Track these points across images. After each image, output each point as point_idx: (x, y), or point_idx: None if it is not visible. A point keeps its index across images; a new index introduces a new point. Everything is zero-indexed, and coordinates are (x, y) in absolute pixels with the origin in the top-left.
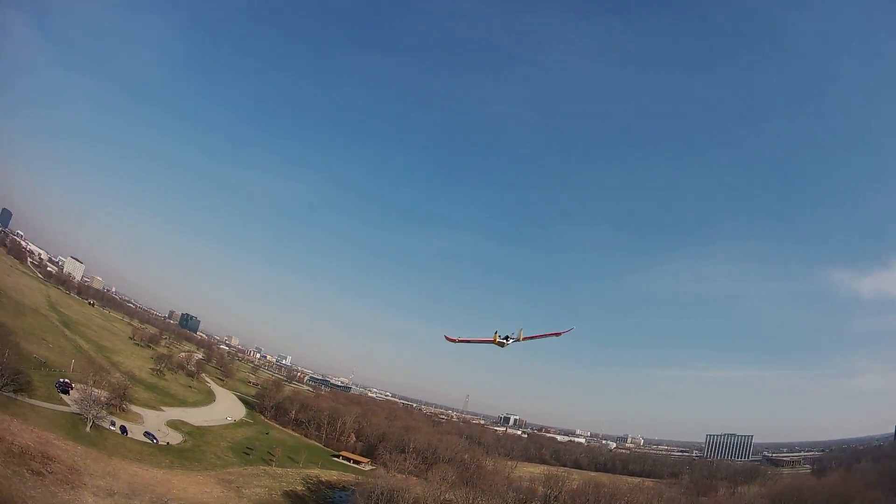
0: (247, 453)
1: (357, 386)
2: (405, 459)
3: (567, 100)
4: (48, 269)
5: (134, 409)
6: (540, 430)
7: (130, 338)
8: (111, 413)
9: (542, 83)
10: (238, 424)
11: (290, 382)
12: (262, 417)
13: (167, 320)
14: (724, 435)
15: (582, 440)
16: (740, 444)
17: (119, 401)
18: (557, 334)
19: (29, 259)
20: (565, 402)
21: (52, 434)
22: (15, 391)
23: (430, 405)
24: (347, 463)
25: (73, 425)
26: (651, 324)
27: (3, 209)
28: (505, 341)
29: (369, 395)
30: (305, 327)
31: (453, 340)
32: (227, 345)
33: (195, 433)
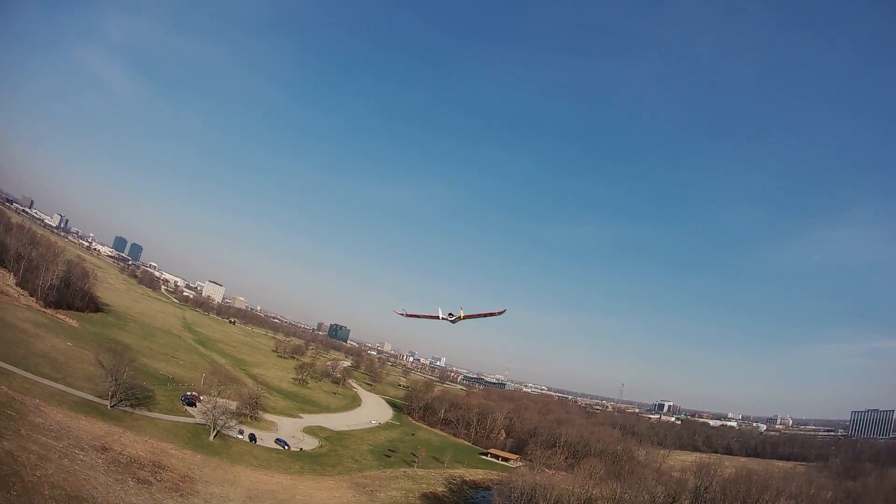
0: (388, 456)
1: (512, 382)
2: (555, 454)
3: (695, 79)
4: (185, 293)
5: (268, 417)
6: (693, 415)
7: (273, 351)
8: (242, 422)
9: (672, 64)
10: (382, 427)
11: (442, 383)
12: (410, 419)
13: (315, 332)
14: (868, 411)
15: (734, 423)
16: (883, 421)
17: (251, 409)
18: (494, 314)
19: (163, 286)
20: (717, 385)
21: (169, 444)
22: (132, 405)
23: (586, 396)
24: (495, 460)
25: (195, 435)
26: (795, 299)
27: (133, 244)
28: (449, 317)
29: (524, 389)
30: (458, 329)
31: (402, 314)
32: (378, 350)
33: (333, 438)
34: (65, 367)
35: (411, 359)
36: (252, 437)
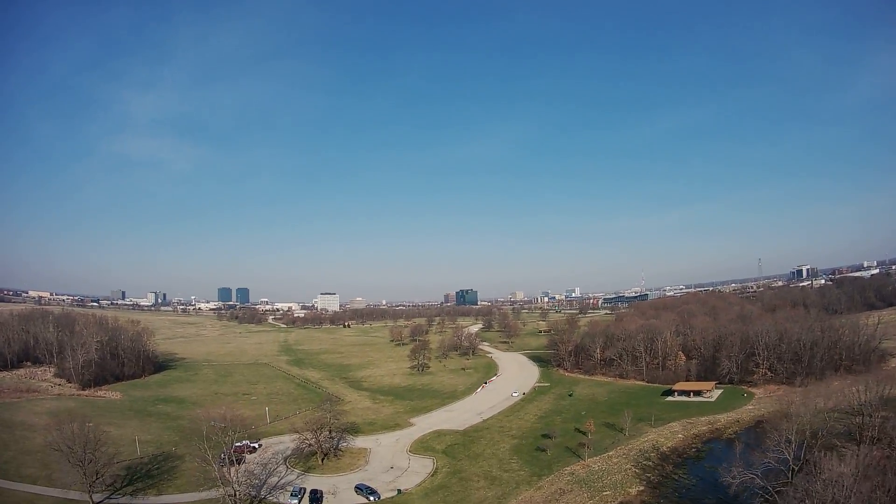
0: (542, 450)
1: (651, 290)
2: (758, 366)
3: None
4: (297, 315)
5: (359, 443)
6: (833, 272)
7: (391, 341)
8: (310, 468)
9: None
10: (528, 399)
11: (584, 314)
12: (561, 371)
13: (443, 305)
14: None
15: (874, 270)
16: None
17: (318, 445)
18: None
19: (271, 317)
20: (839, 237)
21: None
22: (135, 492)
23: (727, 283)
24: (686, 398)
25: None
26: None
27: (238, 289)
28: None
29: (667, 295)
30: (583, 252)
31: None
32: (511, 302)
33: (457, 446)
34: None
35: (546, 299)
36: (315, 497)
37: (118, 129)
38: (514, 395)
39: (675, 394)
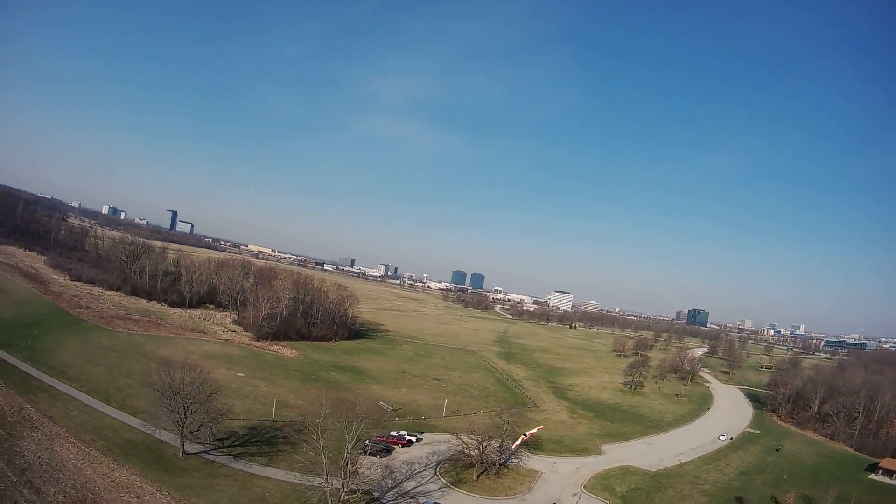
0: None
1: (869, 339)
2: None
3: None
4: (526, 308)
5: (533, 463)
6: None
7: (612, 350)
8: (457, 481)
9: None
10: (734, 446)
11: (806, 354)
12: (774, 419)
13: (673, 321)
14: None
15: None
16: None
17: (484, 453)
18: None
19: (499, 306)
20: None
21: None
22: (238, 455)
23: None
24: (888, 479)
25: None
26: None
27: (473, 274)
28: None
29: (884, 348)
30: (809, 289)
31: None
32: (738, 329)
33: (640, 493)
34: None
35: (772, 332)
36: None
37: (367, 110)
38: (721, 438)
39: (880, 471)
